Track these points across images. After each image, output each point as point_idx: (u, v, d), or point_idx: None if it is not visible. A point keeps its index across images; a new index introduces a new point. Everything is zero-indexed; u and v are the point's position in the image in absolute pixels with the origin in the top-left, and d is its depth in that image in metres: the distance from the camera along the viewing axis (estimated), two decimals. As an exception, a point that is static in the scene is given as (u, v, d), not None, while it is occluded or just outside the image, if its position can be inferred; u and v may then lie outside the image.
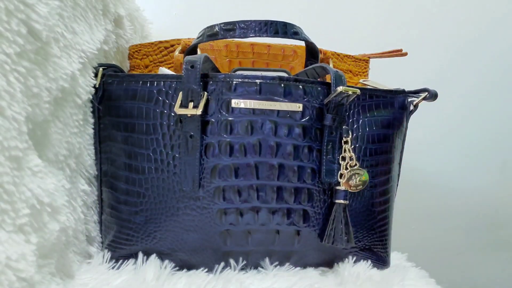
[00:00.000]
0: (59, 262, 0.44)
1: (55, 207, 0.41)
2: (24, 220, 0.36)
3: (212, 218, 0.50)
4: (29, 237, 0.37)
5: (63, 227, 0.43)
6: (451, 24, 1.11)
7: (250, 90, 0.49)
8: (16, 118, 0.35)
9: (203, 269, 0.51)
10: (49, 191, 0.40)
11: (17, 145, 0.35)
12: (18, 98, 0.36)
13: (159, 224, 0.50)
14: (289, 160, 0.50)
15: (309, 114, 0.50)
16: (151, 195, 0.50)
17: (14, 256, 0.34)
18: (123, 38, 0.66)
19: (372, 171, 0.54)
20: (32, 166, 0.38)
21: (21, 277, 0.35)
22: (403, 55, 0.77)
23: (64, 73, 0.43)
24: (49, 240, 0.40)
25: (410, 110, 0.58)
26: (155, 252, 0.51)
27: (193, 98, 0.47)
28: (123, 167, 0.51)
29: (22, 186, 0.36)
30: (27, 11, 0.37)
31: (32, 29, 0.38)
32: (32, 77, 0.38)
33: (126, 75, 0.52)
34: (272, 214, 0.50)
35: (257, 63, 0.72)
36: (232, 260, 0.51)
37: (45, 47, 0.40)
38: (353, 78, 0.77)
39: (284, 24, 0.56)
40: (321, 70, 0.57)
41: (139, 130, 0.50)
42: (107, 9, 0.57)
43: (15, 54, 0.36)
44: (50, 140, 0.43)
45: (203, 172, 0.49)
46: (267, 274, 0.51)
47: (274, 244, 0.52)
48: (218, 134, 0.49)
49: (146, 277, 0.47)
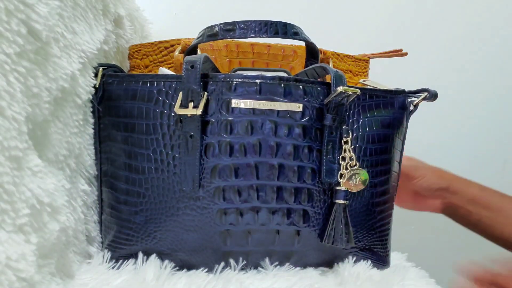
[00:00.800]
0: (59, 262, 0.44)
1: (55, 207, 0.41)
2: (24, 220, 0.36)
3: (212, 218, 0.49)
4: (29, 237, 0.37)
5: (63, 227, 0.43)
6: (451, 24, 1.11)
7: (250, 90, 0.49)
8: (16, 118, 0.35)
9: (203, 269, 0.51)
10: (49, 191, 0.40)
11: (17, 145, 0.35)
12: (18, 98, 0.36)
13: (159, 224, 0.50)
14: (289, 160, 0.50)
15: (309, 114, 0.50)
16: (151, 195, 0.50)
17: (14, 256, 0.34)
18: (123, 38, 0.66)
19: (372, 171, 0.54)
20: (32, 166, 0.38)
21: (21, 277, 0.35)
22: (403, 55, 0.77)
23: (64, 73, 0.43)
24: (49, 240, 0.40)
25: (410, 110, 0.58)
26: (155, 252, 0.51)
27: (193, 98, 0.47)
28: (123, 167, 0.51)
29: (22, 186, 0.36)
30: (27, 11, 0.37)
31: (32, 29, 0.38)
32: (32, 77, 0.38)
33: (126, 75, 0.52)
34: (272, 214, 0.50)
35: (257, 63, 0.72)
36: (232, 260, 0.51)
37: (45, 47, 0.40)
38: (353, 78, 0.77)
39: (284, 24, 0.56)
40: (321, 70, 0.57)
41: (139, 130, 0.50)
42: (107, 9, 0.57)
43: (15, 54, 0.36)
44: (50, 140, 0.43)
45: (203, 172, 0.49)
46: (267, 274, 0.51)
47: (274, 244, 0.52)
48: (218, 134, 0.49)
49: (146, 277, 0.47)
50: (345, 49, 0.76)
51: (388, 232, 0.58)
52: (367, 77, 0.78)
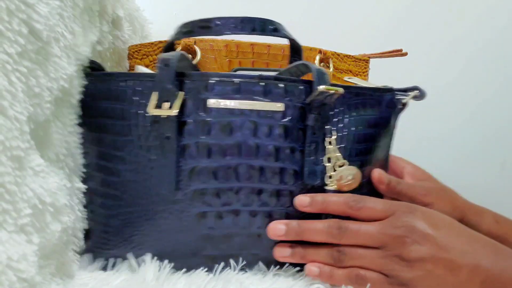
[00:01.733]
0: (59, 262, 0.44)
1: (58, 206, 0.41)
2: (26, 220, 0.36)
3: (191, 221, 0.48)
4: (31, 238, 0.37)
5: (64, 227, 0.43)
6: (451, 24, 1.12)
7: (228, 89, 0.47)
8: (18, 118, 0.36)
9: (203, 269, 0.50)
10: (52, 191, 0.40)
11: (19, 145, 0.35)
12: (20, 98, 0.36)
13: (136, 228, 0.49)
14: (270, 162, 0.48)
15: (291, 114, 0.48)
16: (127, 198, 0.48)
17: (15, 256, 0.34)
18: (120, 40, 0.65)
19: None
20: (34, 166, 0.38)
21: (22, 278, 0.35)
22: (403, 55, 0.76)
23: (64, 73, 0.43)
24: (51, 241, 0.40)
25: (398, 109, 0.56)
26: (131, 257, 0.49)
27: (168, 98, 0.45)
28: (98, 169, 0.49)
29: (24, 186, 0.36)
30: (28, 11, 0.37)
31: (33, 29, 0.38)
32: (33, 77, 0.38)
33: (101, 74, 0.50)
34: (253, 217, 0.49)
35: (257, 63, 0.72)
36: (216, 265, 0.50)
37: (46, 47, 0.40)
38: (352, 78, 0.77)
39: (262, 21, 0.54)
40: (304, 68, 0.55)
41: (114, 131, 0.48)
42: (105, 11, 0.57)
43: (17, 54, 0.36)
44: (51, 140, 0.43)
45: (181, 174, 0.47)
46: (266, 274, 0.51)
47: (256, 248, 0.50)
48: (196, 135, 0.47)
49: (146, 277, 0.47)
50: (345, 49, 0.76)
51: None
52: (367, 77, 0.78)
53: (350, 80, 0.61)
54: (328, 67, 0.74)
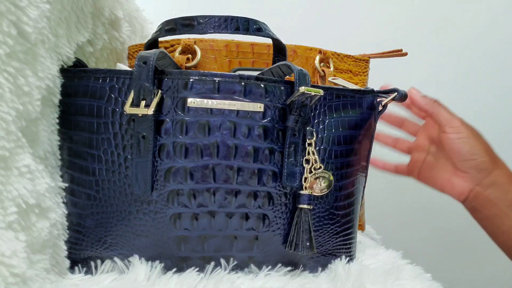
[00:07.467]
0: (53, 256, 0.45)
1: (44, 208, 0.42)
2: (13, 218, 0.37)
3: (166, 223, 0.47)
4: (18, 235, 0.37)
5: (53, 223, 0.43)
6: (451, 24, 1.11)
7: (208, 88, 0.46)
8: (4, 118, 0.36)
9: (194, 269, 0.50)
10: (40, 192, 0.41)
11: (4, 145, 0.36)
12: (7, 98, 0.37)
13: (109, 229, 0.48)
14: (249, 163, 0.47)
15: (271, 115, 0.48)
16: (101, 198, 0.47)
17: (7, 252, 0.35)
18: (118, 40, 0.65)
19: (337, 174, 0.52)
20: (20, 166, 0.38)
21: (14, 273, 0.36)
22: (403, 55, 0.76)
23: (49, 73, 0.43)
24: (40, 237, 0.41)
25: (379, 111, 0.55)
26: (106, 258, 0.49)
27: (145, 97, 0.44)
28: (73, 168, 0.48)
29: (8, 185, 0.37)
30: (18, 13, 0.38)
31: (22, 31, 0.38)
32: (22, 76, 0.39)
33: (78, 70, 0.48)
34: (230, 219, 0.48)
35: (257, 63, 0.72)
36: (192, 267, 0.50)
37: (33, 48, 0.41)
38: (353, 78, 0.77)
39: (245, 20, 0.53)
40: (286, 68, 0.54)
41: (89, 129, 0.47)
42: (101, 13, 0.57)
43: (5, 55, 0.36)
44: (40, 137, 0.44)
45: (157, 174, 0.46)
46: (258, 274, 0.51)
47: (232, 250, 0.50)
48: (173, 135, 0.46)
49: (137, 277, 0.47)
50: (345, 49, 0.76)
51: (353, 236, 0.56)
52: (366, 77, 0.77)
53: (334, 81, 0.60)
54: (328, 67, 0.73)
